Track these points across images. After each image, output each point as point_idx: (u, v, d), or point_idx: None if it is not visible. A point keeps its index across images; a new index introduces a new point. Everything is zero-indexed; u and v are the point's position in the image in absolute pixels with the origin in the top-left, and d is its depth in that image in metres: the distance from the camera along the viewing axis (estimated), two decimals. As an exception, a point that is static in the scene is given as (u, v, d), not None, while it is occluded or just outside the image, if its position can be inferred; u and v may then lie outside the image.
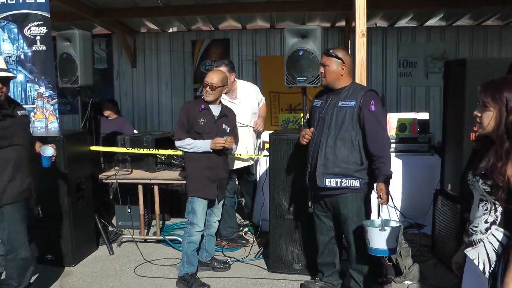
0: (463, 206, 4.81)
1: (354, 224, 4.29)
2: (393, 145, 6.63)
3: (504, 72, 4.80)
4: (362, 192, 4.27)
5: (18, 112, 4.45)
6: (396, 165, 6.52)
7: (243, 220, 7.16)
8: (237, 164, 6.17)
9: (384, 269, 4.93)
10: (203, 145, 4.92)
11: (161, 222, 6.52)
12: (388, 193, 4.12)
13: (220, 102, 5.21)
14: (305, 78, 5.37)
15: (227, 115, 5.20)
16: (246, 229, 6.70)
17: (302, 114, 5.94)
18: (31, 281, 4.63)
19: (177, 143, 5.04)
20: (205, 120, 4.96)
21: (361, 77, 5.41)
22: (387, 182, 4.13)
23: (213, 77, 4.98)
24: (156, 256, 5.92)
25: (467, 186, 2.69)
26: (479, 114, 2.53)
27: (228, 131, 5.12)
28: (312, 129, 4.46)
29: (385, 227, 3.88)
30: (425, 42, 10.70)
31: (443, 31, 10.65)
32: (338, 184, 4.23)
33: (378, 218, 4.13)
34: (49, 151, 4.54)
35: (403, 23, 10.55)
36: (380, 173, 4.13)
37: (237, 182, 6.64)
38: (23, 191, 4.38)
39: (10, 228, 4.31)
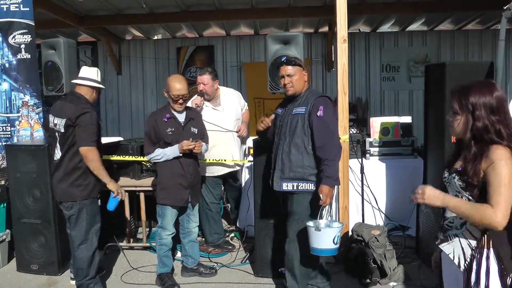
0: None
1: (302, 225, 4.39)
2: (376, 149, 6.70)
3: (483, 75, 4.89)
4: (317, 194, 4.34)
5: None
6: (380, 168, 6.60)
7: (229, 226, 7.19)
8: (223, 170, 6.19)
9: (369, 270, 4.99)
10: (172, 152, 4.94)
11: (147, 229, 6.54)
12: (329, 195, 4.19)
13: (185, 107, 5.17)
14: (288, 83, 5.40)
15: (194, 118, 5.20)
16: (232, 234, 6.72)
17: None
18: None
19: (147, 157, 5.06)
20: (173, 129, 4.96)
21: (343, 82, 5.48)
22: (330, 184, 4.20)
23: (181, 89, 4.91)
24: (142, 263, 5.93)
25: (442, 183, 2.77)
26: (450, 119, 2.64)
27: (196, 133, 5.15)
28: (272, 117, 4.65)
29: (320, 228, 4.07)
30: (407, 47, 10.82)
31: (425, 35, 10.78)
32: (295, 188, 4.41)
33: (321, 218, 4.26)
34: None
35: (385, 28, 10.65)
36: (323, 175, 4.23)
37: (222, 188, 6.67)
38: (101, 187, 4.86)
39: (88, 220, 4.77)
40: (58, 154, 4.74)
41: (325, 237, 4.07)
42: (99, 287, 4.94)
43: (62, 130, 4.64)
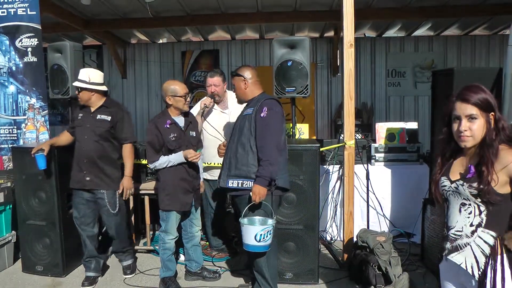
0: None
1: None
2: (382, 155, 6.68)
3: (492, 81, 4.86)
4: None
5: (99, 115, 5.30)
6: (385, 174, 6.58)
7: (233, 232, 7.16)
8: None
9: (373, 277, 4.96)
10: (177, 158, 4.91)
11: (151, 232, 6.53)
12: (258, 194, 4.30)
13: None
14: (294, 88, 5.41)
15: (191, 121, 5.21)
16: (236, 239, 6.69)
17: (291, 124, 5.97)
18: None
19: (152, 165, 5.01)
20: (175, 135, 4.95)
21: (349, 87, 5.46)
22: (260, 183, 4.31)
23: (185, 87, 5.05)
24: (146, 266, 5.93)
25: (437, 192, 2.76)
26: (465, 130, 2.55)
27: (195, 136, 5.17)
28: (224, 142, 4.96)
29: (242, 224, 4.34)
30: (413, 52, 10.82)
31: (431, 41, 10.77)
32: (240, 185, 4.49)
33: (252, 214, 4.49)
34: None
35: (391, 33, 10.64)
36: (256, 174, 4.36)
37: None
38: (78, 181, 5.29)
39: (76, 205, 5.38)
40: None
41: (246, 233, 4.32)
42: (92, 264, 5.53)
43: None
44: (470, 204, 2.58)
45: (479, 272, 2.53)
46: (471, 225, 2.58)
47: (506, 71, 4.82)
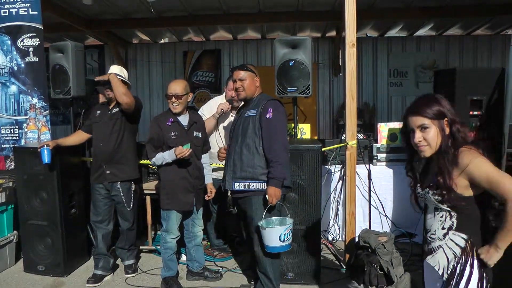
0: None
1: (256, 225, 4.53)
2: (383, 155, 6.67)
3: (494, 81, 4.85)
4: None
5: (116, 109, 5.36)
6: (387, 174, 6.57)
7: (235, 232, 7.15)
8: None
9: (375, 277, 4.95)
10: (169, 155, 4.85)
11: (153, 232, 6.52)
12: (274, 195, 4.34)
13: (187, 111, 5.16)
14: (295, 88, 5.40)
15: (196, 121, 5.18)
16: (238, 239, 6.69)
17: (293, 124, 5.97)
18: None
19: (151, 161, 5.04)
20: (176, 133, 4.93)
21: (351, 87, 5.44)
22: (274, 185, 4.33)
23: (176, 87, 4.95)
24: (148, 266, 5.93)
25: (413, 199, 2.85)
26: (419, 140, 2.64)
27: (200, 136, 5.14)
28: (225, 146, 4.92)
29: (264, 227, 4.34)
30: (415, 52, 10.78)
31: (433, 40, 10.73)
32: (246, 187, 4.51)
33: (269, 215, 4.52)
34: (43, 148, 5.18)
35: (393, 33, 10.62)
36: (269, 176, 4.37)
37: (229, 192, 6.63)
38: (98, 176, 5.39)
39: (94, 202, 5.48)
40: None
41: (271, 235, 4.34)
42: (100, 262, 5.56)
43: None
44: (441, 209, 2.65)
45: (448, 272, 2.62)
46: (443, 228, 2.66)
47: (509, 71, 4.81)
